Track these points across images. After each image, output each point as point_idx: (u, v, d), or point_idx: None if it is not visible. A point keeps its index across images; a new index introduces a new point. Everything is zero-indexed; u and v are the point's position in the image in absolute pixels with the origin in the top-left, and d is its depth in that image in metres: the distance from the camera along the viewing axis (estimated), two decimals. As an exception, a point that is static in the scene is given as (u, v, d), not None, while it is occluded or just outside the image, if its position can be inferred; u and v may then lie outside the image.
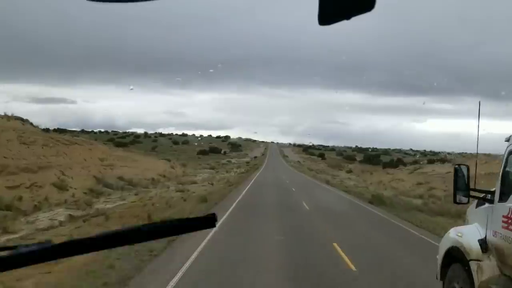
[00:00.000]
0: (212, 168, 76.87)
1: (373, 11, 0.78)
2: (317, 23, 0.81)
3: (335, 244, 11.43)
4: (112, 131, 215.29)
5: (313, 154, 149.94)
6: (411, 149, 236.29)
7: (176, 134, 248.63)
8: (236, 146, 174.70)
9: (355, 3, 0.79)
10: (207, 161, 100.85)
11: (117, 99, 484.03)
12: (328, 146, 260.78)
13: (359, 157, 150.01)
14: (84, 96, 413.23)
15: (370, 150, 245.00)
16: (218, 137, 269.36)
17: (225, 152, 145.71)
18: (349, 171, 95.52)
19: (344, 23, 0.83)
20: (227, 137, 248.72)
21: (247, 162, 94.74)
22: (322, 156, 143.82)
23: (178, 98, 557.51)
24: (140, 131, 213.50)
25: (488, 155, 29.93)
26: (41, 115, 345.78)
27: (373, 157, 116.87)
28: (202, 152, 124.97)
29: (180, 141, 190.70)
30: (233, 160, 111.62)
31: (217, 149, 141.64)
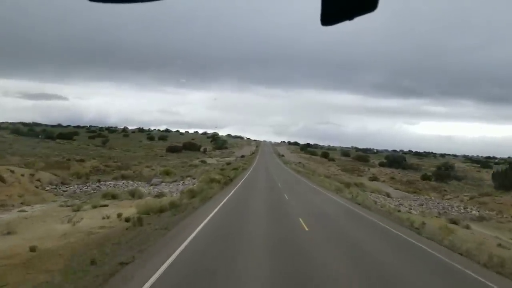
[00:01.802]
0: (167, 174, 47.92)
1: (374, 11, 0.75)
2: (319, 24, 0.77)
3: None
4: (90, 125, 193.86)
5: (314, 154, 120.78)
6: (410, 150, 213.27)
7: (159, 130, 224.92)
8: (221, 143, 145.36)
9: (358, 3, 0.76)
10: (172, 161, 71.15)
11: (110, 97, 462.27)
12: (325, 146, 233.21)
13: (375, 158, 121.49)
14: (76, 92, 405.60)
15: (376, 151, 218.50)
16: (204, 133, 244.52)
17: (205, 150, 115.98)
18: (374, 179, 66.73)
19: (342, 24, 0.79)
20: (215, 134, 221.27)
21: (227, 164, 65.21)
22: (326, 156, 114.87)
23: (172, 97, 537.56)
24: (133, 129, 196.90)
25: None
26: (32, 111, 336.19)
27: (398, 159, 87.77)
28: (173, 149, 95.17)
29: (157, 137, 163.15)
30: (210, 161, 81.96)
31: (195, 146, 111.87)
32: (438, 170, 67.73)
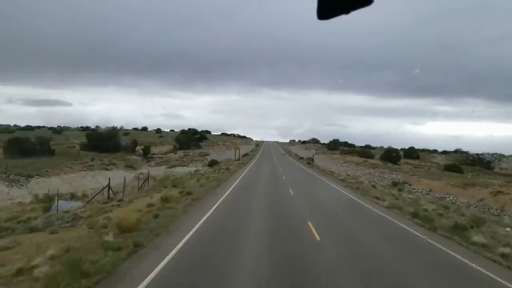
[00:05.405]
0: None
1: (371, 6, 0.73)
2: (316, 19, 0.77)
3: None
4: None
5: (368, 155, 60.53)
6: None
7: (136, 129, 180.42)
8: (190, 141, 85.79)
9: None
10: None
11: (114, 102, 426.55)
12: (354, 145, 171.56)
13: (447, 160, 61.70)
14: (80, 98, 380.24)
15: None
16: (188, 131, 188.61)
17: (146, 152, 56.59)
18: None
19: (347, 21, 0.77)
20: (205, 133, 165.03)
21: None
22: (394, 158, 54.49)
23: (177, 101, 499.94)
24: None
25: None
26: (37, 117, 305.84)
27: None
28: (20, 150, 35.58)
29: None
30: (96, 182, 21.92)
31: (118, 143, 52.45)
32: None
